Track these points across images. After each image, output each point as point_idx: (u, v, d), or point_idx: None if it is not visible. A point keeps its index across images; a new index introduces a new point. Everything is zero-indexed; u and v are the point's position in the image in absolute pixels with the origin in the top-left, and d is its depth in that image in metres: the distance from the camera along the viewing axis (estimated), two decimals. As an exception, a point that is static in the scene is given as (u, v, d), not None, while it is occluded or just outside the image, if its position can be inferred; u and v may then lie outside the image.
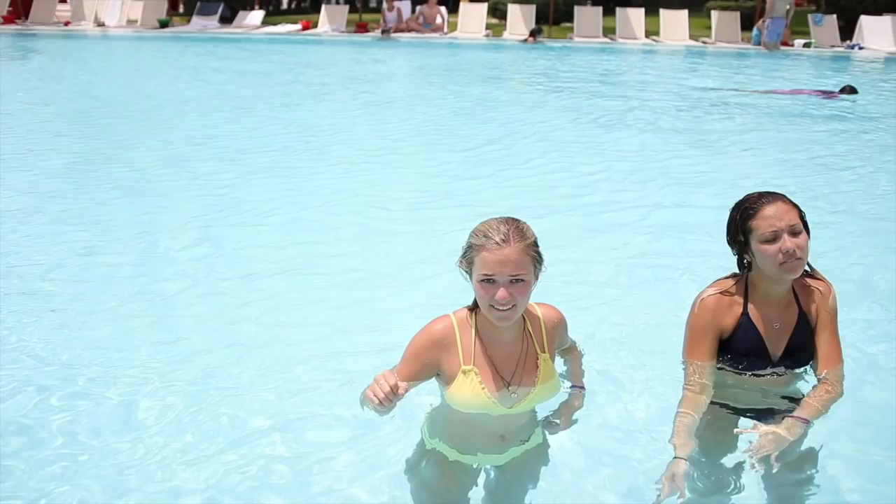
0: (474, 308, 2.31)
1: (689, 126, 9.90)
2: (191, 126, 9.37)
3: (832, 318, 2.56)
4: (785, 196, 2.49)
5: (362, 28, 21.78)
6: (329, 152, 8.03)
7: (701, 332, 2.55)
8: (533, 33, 20.24)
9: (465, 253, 2.23)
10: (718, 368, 2.57)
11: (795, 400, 2.57)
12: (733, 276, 2.63)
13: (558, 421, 2.53)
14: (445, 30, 21.64)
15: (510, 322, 2.22)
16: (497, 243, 2.13)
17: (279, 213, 5.91)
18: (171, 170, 7.17)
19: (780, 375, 2.59)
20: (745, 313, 2.55)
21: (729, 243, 2.58)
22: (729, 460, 2.68)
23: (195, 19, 22.74)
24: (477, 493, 2.50)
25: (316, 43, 20.23)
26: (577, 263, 4.86)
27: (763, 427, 2.37)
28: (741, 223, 2.49)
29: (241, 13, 23.17)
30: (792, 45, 19.94)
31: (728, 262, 2.65)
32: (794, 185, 6.86)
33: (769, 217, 2.42)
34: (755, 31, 19.88)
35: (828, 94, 12.13)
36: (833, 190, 6.77)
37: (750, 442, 2.39)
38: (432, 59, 17.26)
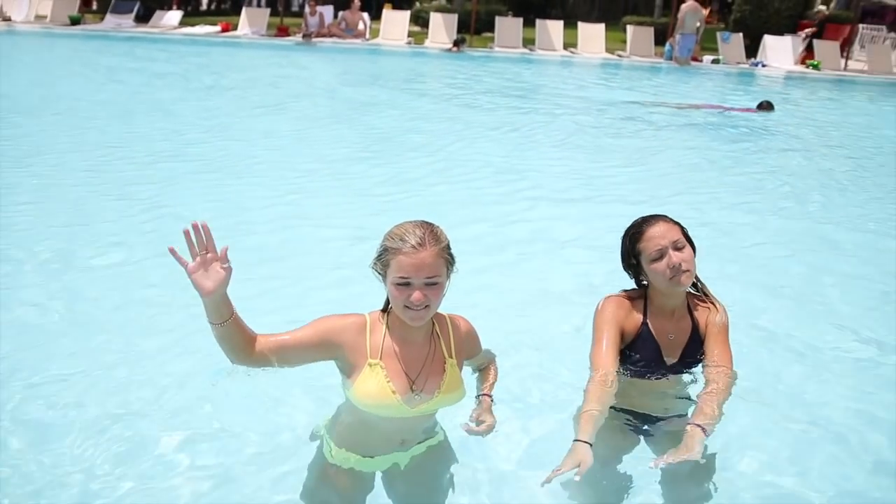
0: (385, 309, 2.38)
1: (610, 138, 10.29)
2: (106, 129, 9.14)
3: (721, 331, 2.77)
4: (666, 216, 2.73)
5: (283, 32, 21.58)
6: (249, 158, 7.98)
7: (606, 323, 2.72)
8: (456, 43, 20.49)
9: (379, 256, 2.27)
10: (618, 373, 2.75)
11: (688, 399, 2.80)
12: (634, 290, 2.84)
13: (476, 426, 2.45)
14: (367, 36, 21.67)
15: (423, 321, 2.28)
16: (413, 247, 2.18)
17: (196, 218, 5.82)
18: (85, 174, 7.00)
19: (672, 379, 2.81)
20: (644, 323, 2.75)
21: (625, 269, 2.79)
22: (624, 467, 2.86)
23: (109, 17, 22.08)
24: (379, 499, 2.56)
25: (235, 46, 19.95)
26: (491, 274, 5.01)
27: (674, 456, 2.39)
28: (630, 248, 2.72)
29: (157, 12, 22.61)
30: (701, 61, 20.82)
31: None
32: (708, 195, 7.30)
33: (654, 237, 2.64)
34: (668, 46, 20.66)
35: (746, 110, 12.75)
36: (742, 200, 7.23)
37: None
38: (355, 66, 17.27)
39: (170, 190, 6.64)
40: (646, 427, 2.85)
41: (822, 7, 21.97)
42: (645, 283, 2.76)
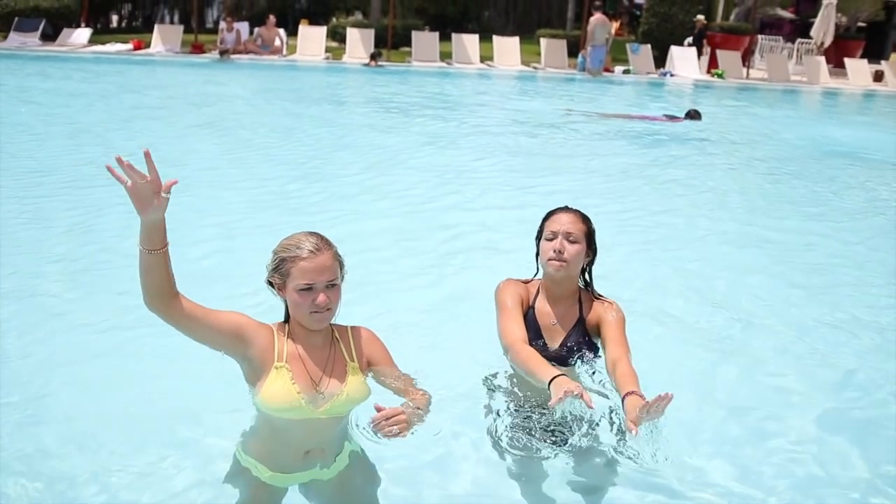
0: (286, 320, 2.52)
1: (536, 148, 10.65)
2: (32, 153, 8.85)
3: (618, 325, 2.99)
4: (581, 214, 3.03)
5: (198, 49, 21.26)
6: (183, 179, 7.88)
7: (508, 297, 2.98)
8: (373, 56, 20.65)
9: (276, 267, 2.40)
10: None
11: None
12: (531, 278, 3.15)
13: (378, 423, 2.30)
14: (284, 52, 21.58)
15: (326, 323, 2.45)
16: (311, 251, 2.35)
17: (118, 236, 5.71)
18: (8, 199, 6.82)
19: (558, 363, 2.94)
20: (532, 307, 3.05)
21: (537, 240, 3.07)
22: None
23: (13, 35, 21.27)
24: None
25: (150, 64, 19.55)
26: (415, 285, 5.22)
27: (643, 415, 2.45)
28: (540, 225, 3.06)
29: (65, 30, 21.85)
30: (613, 72, 21.61)
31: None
32: (633, 201, 7.68)
33: (555, 222, 2.96)
34: (580, 57, 21.34)
35: (673, 119, 13.25)
36: (668, 207, 7.67)
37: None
38: (276, 82, 17.21)
39: (98, 217, 6.44)
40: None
41: (701, 17, 23.11)
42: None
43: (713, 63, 22.69)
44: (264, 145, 10.12)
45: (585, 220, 3.00)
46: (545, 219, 3.03)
